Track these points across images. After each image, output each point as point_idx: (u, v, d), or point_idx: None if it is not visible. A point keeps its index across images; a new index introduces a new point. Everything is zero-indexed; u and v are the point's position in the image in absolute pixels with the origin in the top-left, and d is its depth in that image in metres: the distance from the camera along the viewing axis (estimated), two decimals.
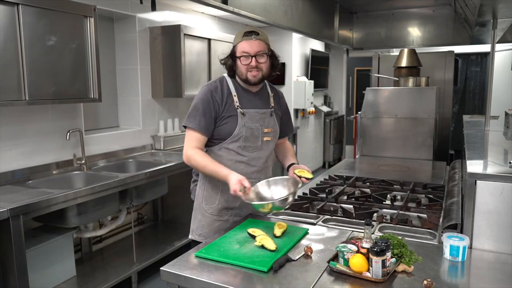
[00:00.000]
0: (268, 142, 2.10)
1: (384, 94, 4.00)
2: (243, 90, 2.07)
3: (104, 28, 3.82)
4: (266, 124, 2.08)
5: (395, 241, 1.57)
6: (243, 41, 1.97)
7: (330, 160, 7.99)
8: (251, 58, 1.96)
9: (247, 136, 2.02)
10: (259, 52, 1.97)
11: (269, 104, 2.13)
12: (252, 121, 2.03)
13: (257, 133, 2.05)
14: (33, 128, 3.02)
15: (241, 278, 1.47)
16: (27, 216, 2.34)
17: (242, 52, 1.97)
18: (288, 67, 6.30)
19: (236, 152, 2.03)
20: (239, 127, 2.00)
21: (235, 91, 2.04)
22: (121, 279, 3.12)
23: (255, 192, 1.91)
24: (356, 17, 4.86)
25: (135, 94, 4.01)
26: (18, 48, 2.54)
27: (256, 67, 1.98)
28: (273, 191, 1.95)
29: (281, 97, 2.26)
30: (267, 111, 2.10)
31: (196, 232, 2.13)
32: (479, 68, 7.96)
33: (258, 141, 2.06)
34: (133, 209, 3.70)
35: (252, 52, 1.96)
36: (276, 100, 2.18)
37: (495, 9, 2.48)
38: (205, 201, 2.11)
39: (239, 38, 1.99)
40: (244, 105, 2.03)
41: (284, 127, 2.26)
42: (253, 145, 2.05)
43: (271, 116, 2.11)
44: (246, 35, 1.97)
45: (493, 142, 2.77)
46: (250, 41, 1.96)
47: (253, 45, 1.96)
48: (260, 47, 1.98)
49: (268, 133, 2.09)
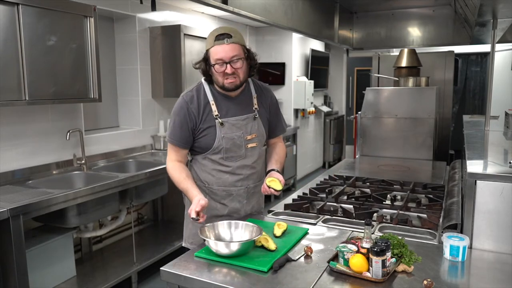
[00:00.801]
0: (253, 148, 1.99)
1: (384, 94, 4.00)
2: (222, 97, 1.94)
3: (104, 28, 3.82)
4: (249, 131, 1.97)
5: (395, 241, 1.57)
6: (215, 46, 1.81)
7: (330, 160, 7.99)
8: (226, 65, 1.81)
9: (228, 147, 1.93)
10: (234, 58, 1.82)
11: (251, 107, 2.00)
12: (233, 130, 1.93)
13: (239, 142, 1.94)
14: (33, 128, 3.02)
15: (241, 278, 1.46)
16: (27, 216, 2.34)
17: (215, 60, 1.82)
18: (288, 67, 6.30)
19: (219, 163, 1.96)
20: (218, 140, 1.91)
21: (213, 99, 1.92)
22: (121, 279, 3.12)
23: (214, 231, 1.75)
24: (356, 17, 4.86)
25: (135, 94, 4.01)
26: (18, 48, 2.53)
27: (233, 73, 1.84)
28: (233, 233, 1.76)
29: (268, 95, 2.10)
30: (250, 116, 1.98)
31: (188, 240, 2.10)
32: (479, 68, 7.97)
33: (242, 149, 1.96)
34: (133, 209, 3.70)
35: (226, 58, 1.81)
36: (261, 100, 2.05)
37: (495, 9, 2.48)
38: None
39: (210, 42, 1.83)
40: (223, 113, 1.92)
41: (274, 127, 2.14)
42: (236, 155, 1.95)
43: (254, 120, 1.99)
44: (218, 38, 1.81)
45: (493, 142, 2.77)
46: (223, 45, 1.80)
47: (227, 49, 1.80)
48: (235, 51, 1.82)
49: (252, 139, 1.98)
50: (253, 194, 2.09)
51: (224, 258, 1.58)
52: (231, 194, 2.02)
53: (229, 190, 2.01)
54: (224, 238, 1.74)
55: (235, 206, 2.04)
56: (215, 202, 2.02)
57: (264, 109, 2.06)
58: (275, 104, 2.16)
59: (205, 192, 2.00)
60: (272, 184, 1.89)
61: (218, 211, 2.02)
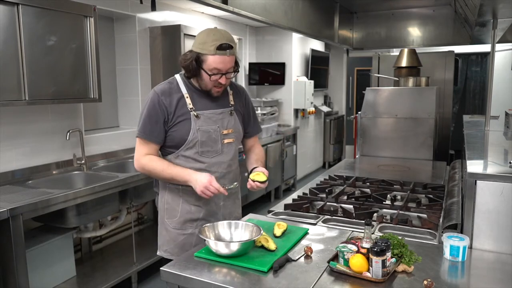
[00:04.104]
0: (230, 144, 1.95)
1: (384, 94, 4.00)
2: (197, 91, 1.90)
3: (104, 28, 3.82)
4: (226, 125, 1.92)
5: (395, 241, 1.57)
6: (216, 56, 1.76)
7: (330, 160, 7.99)
8: (221, 75, 1.81)
9: (204, 140, 1.86)
10: (230, 69, 1.82)
11: (228, 102, 1.97)
12: (208, 123, 1.87)
13: (215, 136, 1.89)
14: (33, 128, 3.02)
15: (241, 278, 1.46)
16: (27, 216, 2.34)
17: (213, 69, 1.78)
18: (288, 67, 6.30)
19: (193, 159, 1.88)
20: (193, 132, 1.84)
21: (187, 92, 1.87)
22: (121, 279, 3.12)
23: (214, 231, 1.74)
24: (356, 17, 4.86)
25: (135, 94, 4.01)
26: (18, 48, 2.53)
27: (224, 83, 1.85)
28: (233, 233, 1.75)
29: (243, 94, 2.07)
30: (226, 110, 1.94)
31: (162, 248, 1.99)
32: (479, 68, 7.97)
33: (218, 144, 1.90)
34: (133, 209, 3.70)
35: (224, 69, 1.79)
36: (237, 98, 2.02)
37: (495, 9, 2.48)
38: (166, 214, 1.96)
39: (210, 49, 1.75)
40: (198, 106, 1.87)
41: (249, 125, 2.09)
42: (212, 150, 1.89)
43: (231, 115, 1.95)
44: (221, 48, 1.75)
45: (493, 142, 2.77)
46: (224, 57, 1.77)
47: (227, 61, 1.78)
48: (232, 63, 1.82)
49: (228, 134, 1.93)
50: (229, 196, 2.01)
51: (224, 258, 1.58)
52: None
53: None
54: (224, 238, 1.74)
55: (211, 208, 1.97)
56: (189, 205, 1.93)
57: (239, 107, 2.03)
58: (250, 103, 2.13)
59: (178, 195, 1.93)
60: (256, 177, 1.86)
61: (193, 214, 1.94)
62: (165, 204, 1.97)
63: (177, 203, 1.94)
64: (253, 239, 1.62)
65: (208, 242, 1.61)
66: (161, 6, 4.13)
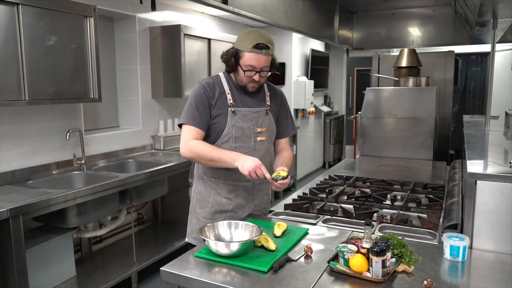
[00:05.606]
0: (262, 142, 2.03)
1: (384, 94, 4.00)
2: (238, 88, 2.02)
3: (104, 28, 3.82)
4: (260, 124, 2.02)
5: (395, 241, 1.57)
6: (252, 53, 1.87)
7: (330, 160, 7.99)
8: (256, 73, 1.92)
9: (237, 136, 1.96)
10: (265, 68, 1.92)
11: (264, 102, 2.07)
12: (244, 120, 1.98)
13: (248, 133, 1.99)
14: (33, 128, 3.02)
15: (241, 278, 1.46)
16: (27, 216, 2.34)
17: (248, 66, 1.90)
18: (288, 67, 6.30)
19: None
20: (228, 127, 1.95)
21: (228, 89, 1.99)
22: (121, 279, 3.11)
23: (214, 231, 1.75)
24: (356, 17, 4.86)
25: (135, 94, 4.01)
26: (18, 48, 2.53)
27: (258, 81, 1.95)
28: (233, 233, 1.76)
29: (280, 97, 2.18)
30: (262, 109, 2.04)
31: (192, 235, 2.12)
32: (479, 68, 7.97)
33: (251, 141, 2.00)
34: (133, 209, 3.70)
35: (258, 67, 1.90)
36: (273, 99, 2.12)
37: (495, 9, 2.48)
38: (198, 204, 2.09)
39: (248, 47, 1.88)
40: (237, 103, 1.98)
41: (284, 125, 2.18)
42: (245, 145, 1.98)
43: (266, 115, 2.05)
44: (257, 47, 1.87)
45: (493, 142, 2.77)
46: (259, 55, 1.88)
47: (261, 60, 1.89)
48: (267, 62, 1.92)
49: (261, 132, 2.02)
50: (259, 191, 2.12)
51: (224, 258, 1.58)
52: (237, 188, 2.04)
53: (236, 184, 2.03)
54: (224, 238, 1.74)
55: (240, 202, 2.07)
56: (220, 197, 2.04)
57: (275, 108, 2.12)
58: (286, 105, 2.21)
59: (211, 187, 2.03)
60: (276, 176, 1.88)
61: (223, 206, 2.04)
62: (198, 194, 2.09)
63: (209, 194, 2.06)
64: (253, 239, 1.62)
65: (208, 242, 1.61)
66: (161, 6, 4.13)
